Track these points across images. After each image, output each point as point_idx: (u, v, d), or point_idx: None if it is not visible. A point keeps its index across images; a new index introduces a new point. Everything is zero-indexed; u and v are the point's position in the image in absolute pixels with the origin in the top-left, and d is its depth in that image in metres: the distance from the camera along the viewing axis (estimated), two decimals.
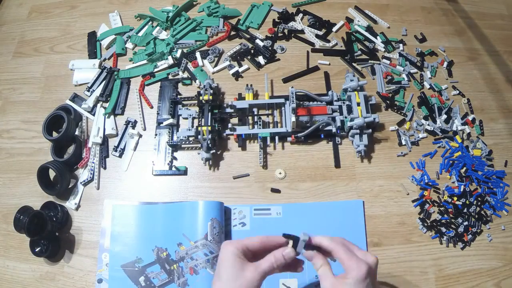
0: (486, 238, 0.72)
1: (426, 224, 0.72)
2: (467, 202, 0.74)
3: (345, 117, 0.77)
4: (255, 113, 0.81)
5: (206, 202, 0.69)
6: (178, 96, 0.84)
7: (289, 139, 0.78)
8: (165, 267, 0.68)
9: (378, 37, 0.92)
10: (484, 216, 0.73)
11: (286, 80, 0.86)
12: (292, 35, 0.92)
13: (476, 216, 0.73)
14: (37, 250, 0.70)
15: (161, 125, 0.81)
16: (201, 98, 0.78)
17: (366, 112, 0.76)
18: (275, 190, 0.75)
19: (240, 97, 0.84)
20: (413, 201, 0.74)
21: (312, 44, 0.92)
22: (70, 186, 0.77)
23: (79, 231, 0.73)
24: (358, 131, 0.75)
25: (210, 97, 0.77)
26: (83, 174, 0.78)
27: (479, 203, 0.74)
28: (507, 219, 0.74)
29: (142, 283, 0.67)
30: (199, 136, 0.74)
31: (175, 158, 0.79)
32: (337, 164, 0.77)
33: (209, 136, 0.73)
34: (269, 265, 0.50)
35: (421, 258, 0.70)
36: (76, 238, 0.72)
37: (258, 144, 0.78)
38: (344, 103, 0.79)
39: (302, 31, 0.93)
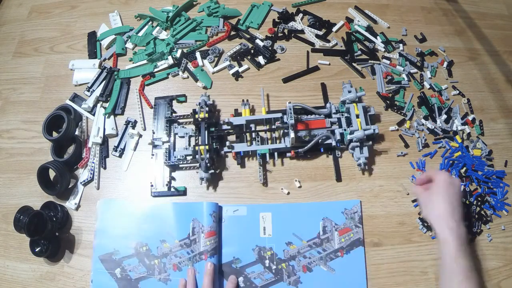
0: (486, 238, 0.72)
1: (426, 224, 0.72)
2: (467, 202, 0.74)
3: (344, 130, 0.76)
4: (253, 129, 0.78)
5: (196, 203, 0.71)
6: (173, 114, 0.81)
7: (288, 154, 0.77)
8: (145, 261, 0.69)
9: (378, 37, 0.92)
10: (484, 216, 0.73)
11: (286, 80, 0.86)
12: (292, 35, 0.92)
13: (476, 216, 0.73)
14: (37, 250, 0.70)
15: (157, 146, 0.78)
16: (196, 116, 0.76)
17: (366, 124, 0.74)
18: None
19: (237, 113, 0.82)
20: (413, 201, 0.74)
21: (312, 44, 0.91)
22: (70, 186, 0.77)
23: (79, 231, 0.73)
24: (358, 143, 0.74)
25: (206, 115, 0.75)
26: (83, 174, 0.78)
27: (479, 203, 0.74)
28: (507, 219, 0.74)
29: (118, 274, 0.68)
30: (197, 156, 0.72)
31: (174, 179, 0.77)
32: (338, 178, 0.76)
33: (207, 156, 0.71)
34: None
35: (421, 258, 0.70)
36: (76, 238, 0.72)
37: (257, 161, 0.77)
38: (342, 115, 0.77)
39: (302, 31, 0.93)
